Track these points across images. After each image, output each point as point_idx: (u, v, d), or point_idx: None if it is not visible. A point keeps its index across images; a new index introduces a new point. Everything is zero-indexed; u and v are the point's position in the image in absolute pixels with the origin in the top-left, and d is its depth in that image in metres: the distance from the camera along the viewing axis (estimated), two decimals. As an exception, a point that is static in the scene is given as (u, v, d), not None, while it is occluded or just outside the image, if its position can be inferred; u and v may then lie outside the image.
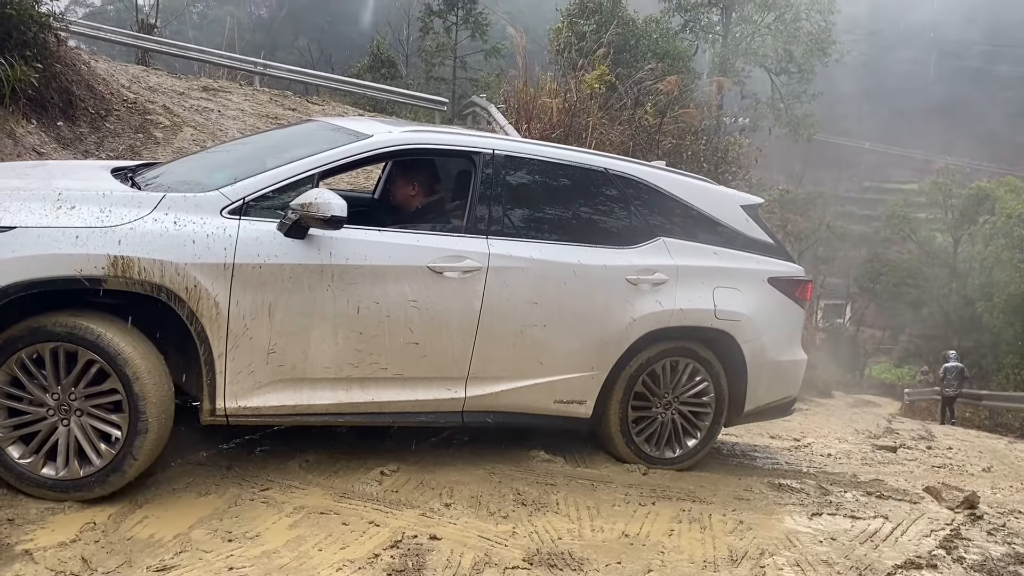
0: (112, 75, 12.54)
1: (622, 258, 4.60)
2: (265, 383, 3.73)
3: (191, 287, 3.49)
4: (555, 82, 12.66)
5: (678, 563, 3.52)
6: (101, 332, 3.37)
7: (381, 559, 3.19)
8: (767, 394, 5.11)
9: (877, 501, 4.82)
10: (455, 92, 30.79)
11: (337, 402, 3.92)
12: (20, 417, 3.38)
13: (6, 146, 8.58)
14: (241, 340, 3.62)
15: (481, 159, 4.34)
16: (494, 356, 4.23)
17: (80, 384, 3.40)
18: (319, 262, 3.75)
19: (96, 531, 3.18)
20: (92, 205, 3.46)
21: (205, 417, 3.67)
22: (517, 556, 3.37)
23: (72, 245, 3.31)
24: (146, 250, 3.42)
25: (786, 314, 5.16)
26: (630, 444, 4.74)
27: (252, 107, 13.94)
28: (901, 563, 3.78)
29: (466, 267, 4.11)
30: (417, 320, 4.00)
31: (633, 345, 4.59)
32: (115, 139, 10.49)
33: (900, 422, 14.23)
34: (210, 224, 3.58)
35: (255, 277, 3.62)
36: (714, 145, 13.72)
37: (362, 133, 4.20)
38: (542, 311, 4.31)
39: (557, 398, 4.46)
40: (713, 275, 4.84)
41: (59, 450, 3.39)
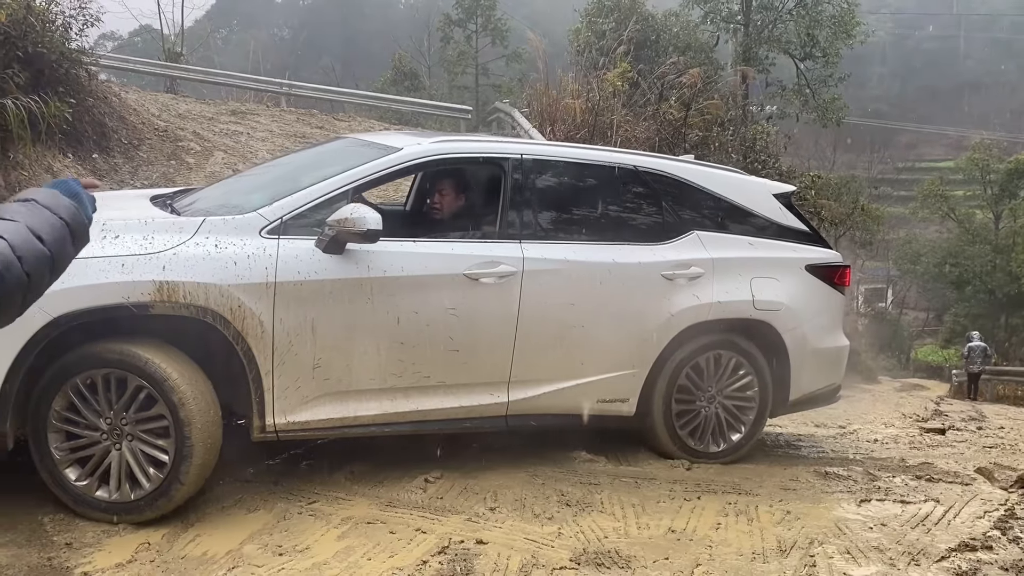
0: (143, 105, 12.81)
1: (656, 254, 4.60)
2: (312, 397, 3.79)
3: (235, 307, 3.56)
4: (577, 83, 12.66)
5: (726, 556, 3.51)
6: (148, 358, 3.44)
7: (429, 565, 3.22)
8: (811, 382, 5.08)
9: (927, 484, 4.75)
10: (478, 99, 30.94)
11: (383, 412, 3.97)
12: (76, 441, 3.47)
13: (44, 181, 8.80)
14: (287, 357, 3.69)
15: (510, 164, 4.37)
16: (534, 359, 4.26)
17: (130, 409, 3.47)
18: (358, 276, 3.81)
19: (151, 551, 3.25)
20: (135, 233, 3.54)
21: (255, 434, 3.73)
22: (564, 556, 3.38)
23: (119, 273, 3.39)
24: (190, 274, 3.50)
25: (826, 301, 5.13)
26: (675, 440, 4.72)
27: (280, 127, 14.13)
28: (955, 546, 3.73)
29: (501, 272, 4.14)
30: (457, 327, 4.03)
31: (673, 341, 4.59)
32: (149, 167, 10.71)
33: (949, 404, 13.97)
34: (250, 245, 3.66)
35: (297, 294, 3.68)
36: (742, 135, 13.63)
37: (392, 146, 4.25)
38: (579, 312, 4.33)
39: (600, 398, 4.48)
40: (749, 266, 4.82)
41: (111, 474, 3.47)
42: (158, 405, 3.46)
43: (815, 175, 18.06)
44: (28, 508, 3.55)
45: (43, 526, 3.41)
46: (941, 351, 40.00)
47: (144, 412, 3.48)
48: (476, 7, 33.79)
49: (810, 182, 16.30)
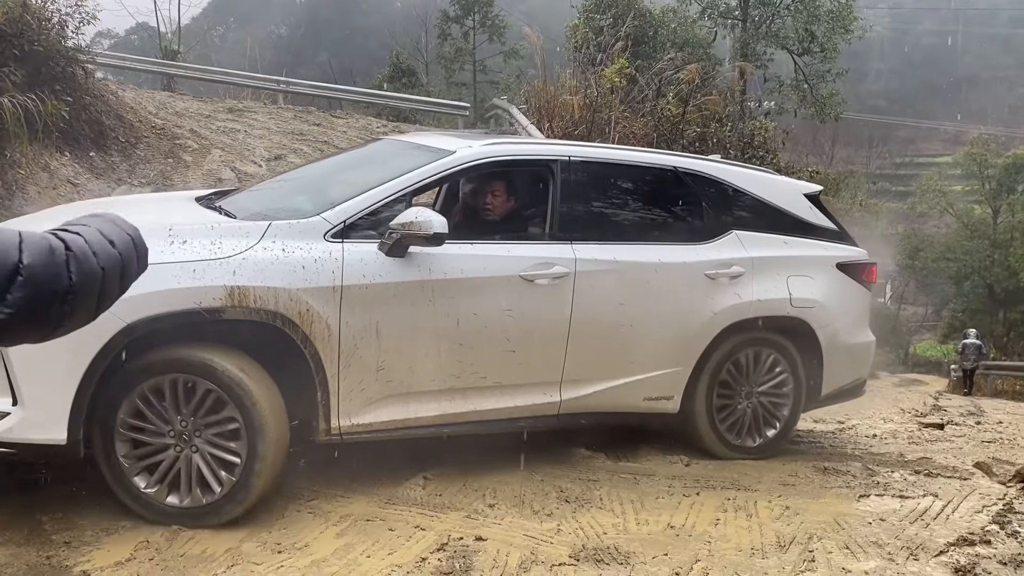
0: (140, 103, 12.80)
1: (699, 254, 4.68)
2: (375, 399, 3.83)
3: (304, 311, 3.58)
4: (575, 79, 12.64)
5: (725, 552, 3.51)
6: (221, 363, 3.44)
7: (428, 562, 3.22)
8: (841, 377, 5.21)
9: (926, 479, 4.75)
10: (476, 96, 30.92)
11: (442, 413, 4.03)
12: (145, 448, 3.46)
13: (41, 179, 8.80)
14: (352, 359, 3.72)
15: (559, 166, 4.42)
16: (586, 358, 4.32)
17: (200, 414, 3.47)
18: (419, 278, 3.85)
19: (150, 549, 3.25)
20: (203, 238, 3.55)
21: (321, 437, 3.76)
22: (563, 553, 3.38)
23: (190, 279, 3.39)
24: (260, 278, 3.51)
25: (855, 298, 5.25)
26: (717, 436, 4.81)
27: (277, 125, 14.11)
28: (953, 540, 3.73)
29: (555, 273, 4.19)
30: (513, 328, 4.09)
31: (716, 338, 4.68)
32: (146, 165, 10.70)
33: (947, 399, 14.00)
34: (317, 249, 3.68)
35: (362, 297, 3.71)
36: (740, 131, 13.62)
37: (445, 149, 4.28)
38: (628, 311, 4.40)
39: (646, 395, 4.56)
40: (786, 264, 4.94)
41: (182, 479, 3.47)
42: (230, 410, 3.46)
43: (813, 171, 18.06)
44: (27, 507, 3.55)
45: (42, 525, 3.40)
46: (940, 346, 40.07)
47: (215, 417, 3.48)
48: (474, 3, 33.74)
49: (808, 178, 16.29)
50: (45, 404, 3.25)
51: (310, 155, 12.48)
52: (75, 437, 3.28)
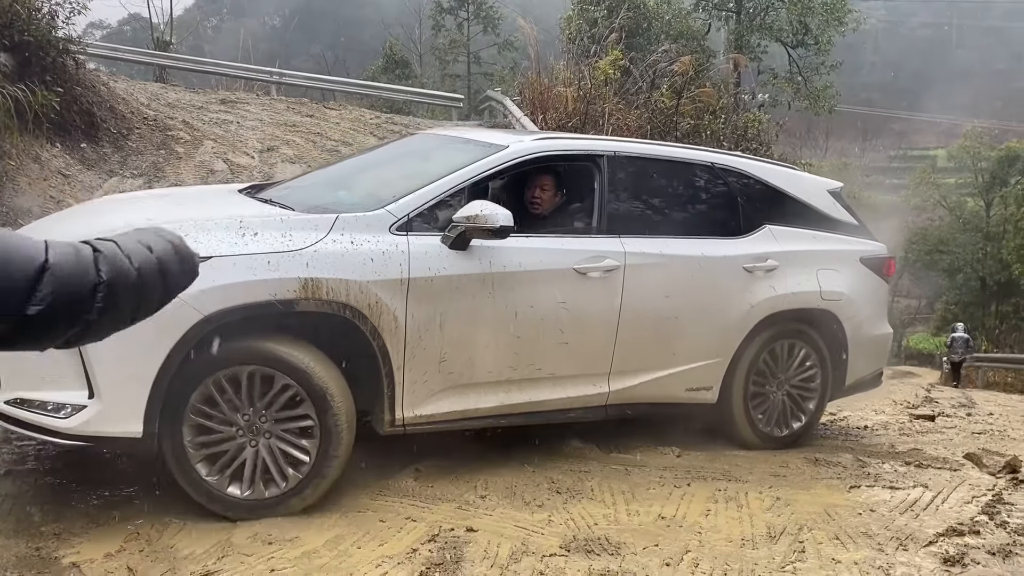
0: (131, 94, 12.73)
1: (738, 248, 4.81)
2: (437, 391, 3.88)
3: (373, 303, 3.61)
4: (568, 71, 12.62)
5: (716, 542, 3.52)
6: (293, 353, 3.47)
7: (419, 553, 3.22)
8: (863, 367, 5.38)
9: (916, 470, 4.77)
10: (470, 88, 30.82)
11: (499, 404, 4.09)
12: (213, 438, 3.45)
13: (32, 170, 8.75)
14: (417, 351, 3.76)
15: (605, 161, 4.50)
16: (633, 350, 4.41)
17: (272, 406, 3.48)
18: (481, 271, 3.90)
19: (140, 540, 3.24)
20: (273, 230, 3.56)
21: (385, 428, 3.81)
22: (554, 544, 3.39)
23: (266, 270, 3.41)
24: (331, 271, 3.53)
25: (876, 291, 5.44)
26: (751, 426, 4.94)
27: (270, 116, 14.06)
28: (943, 531, 3.74)
29: (606, 266, 4.27)
30: (566, 320, 4.15)
31: (752, 330, 4.80)
32: (138, 157, 10.65)
33: (939, 391, 14.05)
34: (384, 241, 3.71)
35: (427, 290, 3.75)
36: (733, 123, 13.62)
37: (498, 144, 4.34)
38: (673, 304, 4.50)
39: (688, 386, 4.67)
40: (815, 258, 5.09)
41: (246, 471, 3.47)
42: (303, 401, 3.48)
43: (807, 163, 18.07)
44: (16, 497, 3.54)
45: (31, 516, 3.40)
46: (932, 339, 40.19)
47: (288, 410, 3.50)
48: (468, -5, 33.68)
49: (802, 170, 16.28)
50: (122, 397, 3.25)
51: (303, 147, 12.44)
52: (151, 430, 3.28)
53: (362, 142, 13.37)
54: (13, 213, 7.90)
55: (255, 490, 3.48)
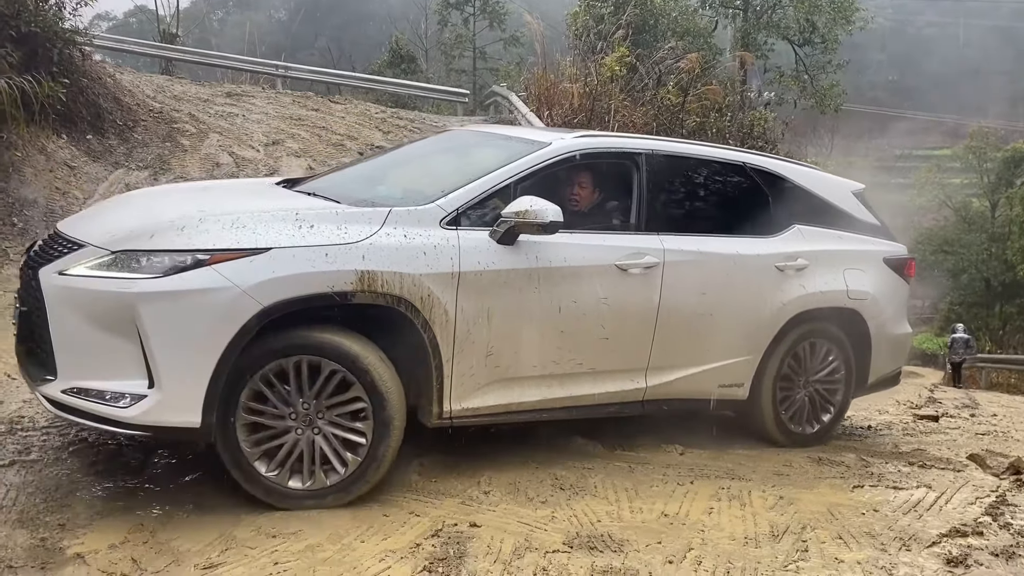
0: (137, 86, 12.75)
1: (770, 247, 4.89)
2: (483, 384, 3.93)
3: (425, 296, 3.66)
4: (575, 67, 12.59)
5: (719, 540, 3.52)
6: (351, 346, 3.51)
7: (423, 548, 3.22)
8: (884, 366, 5.48)
9: (920, 471, 4.77)
10: (475, 83, 30.81)
11: (541, 399, 4.14)
12: (266, 429, 3.48)
13: (39, 161, 8.77)
14: (465, 345, 3.81)
15: (643, 159, 4.55)
16: (670, 346, 4.47)
17: (327, 396, 3.52)
18: (527, 266, 3.95)
19: (144, 532, 3.25)
20: (329, 223, 3.59)
21: (433, 420, 3.85)
22: (557, 540, 3.39)
23: (324, 263, 3.44)
24: (386, 263, 3.57)
25: (898, 291, 5.52)
26: (778, 423, 5.02)
27: (276, 110, 14.07)
28: (946, 531, 3.74)
29: (646, 263, 4.32)
30: (608, 316, 4.21)
31: (782, 328, 4.88)
32: (143, 149, 10.68)
33: (943, 391, 14.02)
34: (435, 236, 3.76)
35: (477, 284, 3.80)
36: (739, 121, 13.59)
37: (541, 141, 4.39)
38: (709, 301, 4.56)
39: (721, 383, 4.75)
40: (842, 258, 5.17)
41: (305, 461, 3.51)
42: (357, 392, 3.53)
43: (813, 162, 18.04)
44: (21, 488, 3.55)
45: (36, 506, 3.41)
46: (936, 339, 40.11)
47: (342, 399, 3.54)
48: (474, -11, 33.60)
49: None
50: (181, 387, 3.26)
51: (308, 140, 12.45)
52: (208, 420, 3.30)
53: (367, 136, 13.38)
54: (19, 204, 7.92)
55: (316, 479, 3.51)
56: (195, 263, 3.29)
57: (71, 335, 3.29)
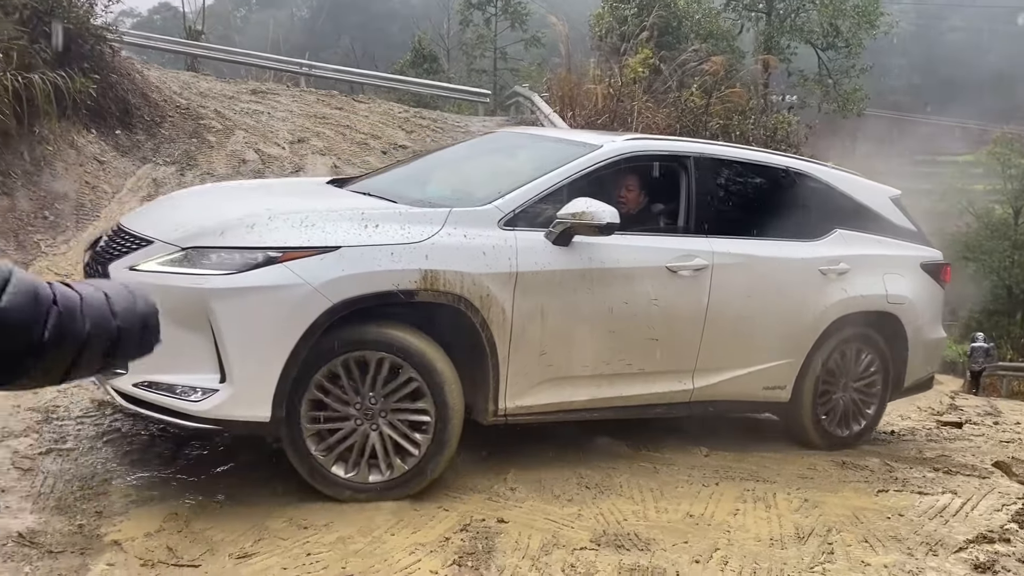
0: (164, 82, 12.85)
1: (813, 250, 4.95)
2: (536, 383, 3.99)
3: (484, 296, 3.72)
4: (599, 68, 12.61)
5: (745, 541, 3.54)
6: (413, 342, 3.59)
7: (452, 542, 3.27)
8: (920, 370, 5.54)
9: (944, 477, 4.76)
10: (496, 83, 30.81)
11: (591, 398, 4.20)
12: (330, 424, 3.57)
13: (69, 156, 8.88)
14: (520, 344, 3.87)
15: (692, 162, 4.60)
16: (717, 348, 4.52)
17: (390, 393, 3.59)
18: (581, 267, 4.01)
19: (179, 521, 3.31)
20: (392, 223, 3.68)
21: (488, 418, 3.92)
22: (584, 537, 3.42)
23: (389, 261, 3.53)
24: (448, 263, 3.65)
25: (934, 296, 5.58)
26: (817, 426, 5.06)
27: (300, 108, 14.14)
28: (973, 537, 3.74)
29: (696, 265, 4.38)
30: (657, 317, 4.26)
31: (824, 332, 4.92)
32: (170, 145, 10.77)
33: (964, 398, 13.90)
34: (493, 236, 3.83)
35: (533, 284, 3.86)
36: (762, 124, 13.55)
37: (592, 144, 4.45)
38: (755, 304, 4.61)
39: (765, 385, 4.80)
40: (882, 263, 5.22)
41: (379, 455, 3.60)
42: (419, 387, 3.61)
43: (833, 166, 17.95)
44: (58, 476, 3.61)
45: (73, 494, 3.47)
46: (956, 346, 39.72)
47: (405, 396, 3.61)
48: (496, -10, 33.61)
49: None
50: (252, 381, 3.35)
51: (333, 139, 12.52)
52: (278, 415, 3.38)
53: (391, 136, 13.44)
54: (51, 197, 8.03)
55: (359, 473, 3.58)
56: (267, 260, 3.37)
57: None
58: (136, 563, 2.99)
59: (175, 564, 3.00)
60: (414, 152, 11.47)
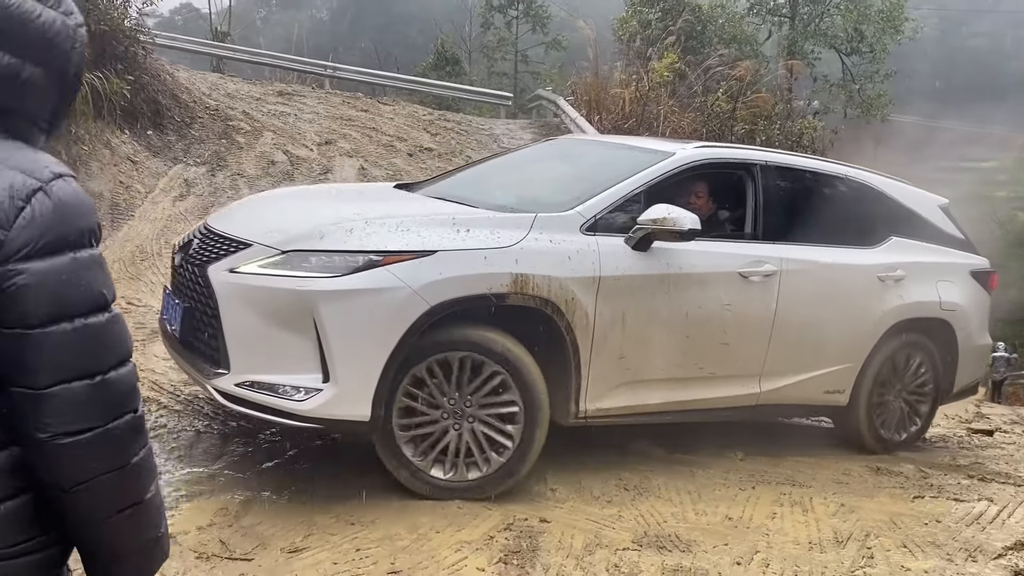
0: (193, 84, 13.02)
1: (871, 257, 5.06)
2: (614, 386, 4.06)
3: (569, 300, 3.79)
4: (624, 72, 12.64)
5: (784, 544, 3.57)
6: (503, 343, 3.66)
7: (496, 540, 3.31)
8: (968, 376, 5.66)
9: (979, 484, 4.77)
10: (516, 86, 30.88)
11: (664, 401, 4.28)
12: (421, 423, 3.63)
13: (103, 156, 9.02)
14: (601, 347, 3.94)
15: (758, 169, 4.71)
16: (783, 353, 4.60)
17: (478, 391, 3.67)
18: (659, 272, 4.09)
19: (229, 516, 3.37)
20: (483, 228, 3.76)
21: (569, 420, 3.98)
22: (626, 538, 3.46)
23: (483, 265, 3.61)
24: (536, 267, 3.72)
25: (982, 303, 5.69)
26: (871, 430, 5.17)
27: (326, 110, 14.27)
28: (1011, 544, 3.76)
29: (766, 271, 4.46)
30: (729, 322, 4.34)
31: (881, 337, 5.02)
32: (201, 145, 10.91)
33: (989, 407, 13.81)
34: (577, 241, 3.90)
35: (614, 288, 3.93)
36: (787, 129, 13.54)
37: (665, 151, 4.53)
38: (818, 309, 4.71)
39: (826, 389, 4.89)
40: (935, 270, 5.32)
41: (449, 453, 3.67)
42: (509, 388, 3.67)
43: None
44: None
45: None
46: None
47: (495, 398, 3.68)
48: (517, -7, 33.68)
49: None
50: (355, 382, 3.42)
51: (359, 141, 12.62)
52: (377, 414, 3.45)
53: (416, 138, 13.53)
54: (87, 197, 8.15)
55: (458, 472, 3.66)
56: (369, 264, 3.44)
57: (245, 331, 3.44)
58: (191, 555, 3.05)
59: (229, 557, 3.06)
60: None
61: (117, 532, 1.20)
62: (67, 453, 1.11)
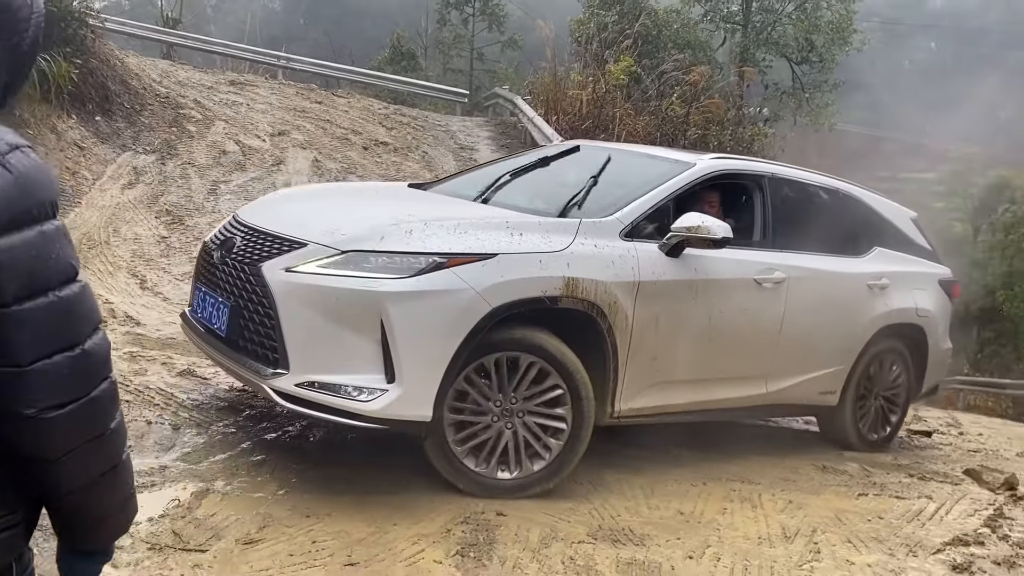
0: (143, 70, 12.75)
1: (861, 266, 5.36)
2: (646, 386, 4.19)
3: (612, 303, 3.90)
4: (582, 74, 12.72)
5: (734, 539, 3.65)
6: (556, 345, 3.74)
7: (453, 533, 3.33)
8: (934, 378, 6.03)
9: (919, 482, 4.92)
10: (472, 84, 30.82)
11: (687, 401, 4.45)
12: (471, 423, 3.69)
13: (49, 141, 8.79)
14: (637, 349, 4.06)
15: (767, 181, 4.95)
16: (788, 355, 4.83)
17: (529, 392, 3.73)
18: (689, 277, 4.25)
19: (182, 508, 3.32)
20: (534, 232, 3.84)
21: (604, 419, 4.05)
22: (581, 532, 3.51)
23: (538, 269, 3.69)
24: (585, 271, 3.81)
25: (946, 310, 6.04)
26: (855, 429, 5.47)
27: (279, 100, 14.10)
28: (949, 540, 3.90)
29: (776, 278, 4.68)
30: (744, 326, 4.55)
31: (868, 342, 5.31)
32: (150, 133, 10.70)
33: (925, 410, 14.24)
34: (618, 247, 4.03)
35: (651, 292, 4.06)
36: (739, 135, 13.78)
37: (687, 162, 4.69)
38: (818, 314, 4.96)
39: (820, 390, 5.16)
40: (912, 279, 5.65)
41: (510, 453, 3.74)
42: (559, 388, 3.75)
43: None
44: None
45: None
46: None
47: (540, 389, 3.74)
48: (474, -10, 33.63)
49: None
50: (419, 382, 3.41)
51: (313, 133, 12.49)
52: (439, 414, 3.46)
53: (371, 132, 13.44)
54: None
55: (523, 468, 3.72)
56: (434, 265, 3.46)
57: (304, 331, 3.42)
58: (143, 547, 3.00)
59: (183, 548, 3.02)
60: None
61: (99, 494, 1.21)
62: (54, 426, 1.10)
